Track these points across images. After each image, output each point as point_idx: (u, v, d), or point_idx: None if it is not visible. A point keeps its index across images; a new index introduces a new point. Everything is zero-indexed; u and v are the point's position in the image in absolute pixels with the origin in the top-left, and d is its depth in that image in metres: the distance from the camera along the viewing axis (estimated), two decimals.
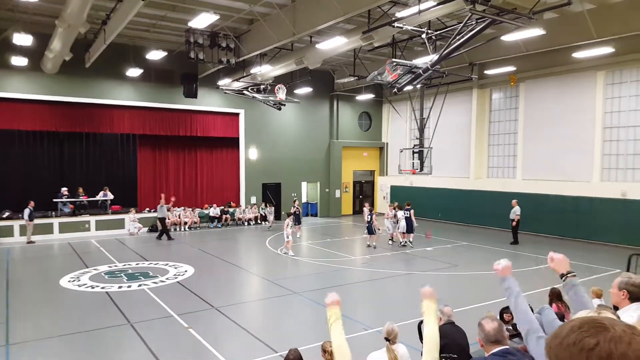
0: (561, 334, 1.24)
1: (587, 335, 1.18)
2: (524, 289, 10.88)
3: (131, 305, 10.04)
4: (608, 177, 17.99)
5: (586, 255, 15.24)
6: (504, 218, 20.44)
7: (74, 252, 16.24)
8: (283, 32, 15.03)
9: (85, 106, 19.74)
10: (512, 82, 20.81)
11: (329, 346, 5.03)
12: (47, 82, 18.75)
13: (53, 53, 15.83)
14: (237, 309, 10.02)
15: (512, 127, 21.48)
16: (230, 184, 23.98)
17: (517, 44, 16.42)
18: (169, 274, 12.86)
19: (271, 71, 18.73)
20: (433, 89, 19.25)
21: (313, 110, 25.69)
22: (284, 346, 6.80)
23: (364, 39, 13.82)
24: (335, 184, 26.74)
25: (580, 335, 1.19)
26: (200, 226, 21.93)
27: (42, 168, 20.91)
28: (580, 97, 18.48)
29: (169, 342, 8.08)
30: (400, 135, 27.14)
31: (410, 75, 12.75)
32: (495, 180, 22.03)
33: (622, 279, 3.63)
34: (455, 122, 23.00)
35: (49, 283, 12.06)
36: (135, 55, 19.32)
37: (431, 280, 12.45)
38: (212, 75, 20.94)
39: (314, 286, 11.76)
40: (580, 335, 1.19)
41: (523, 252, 16.00)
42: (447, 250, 16.73)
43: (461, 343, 5.27)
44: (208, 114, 22.61)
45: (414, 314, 8.62)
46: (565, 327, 1.26)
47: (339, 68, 24.41)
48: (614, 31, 14.29)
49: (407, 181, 25.46)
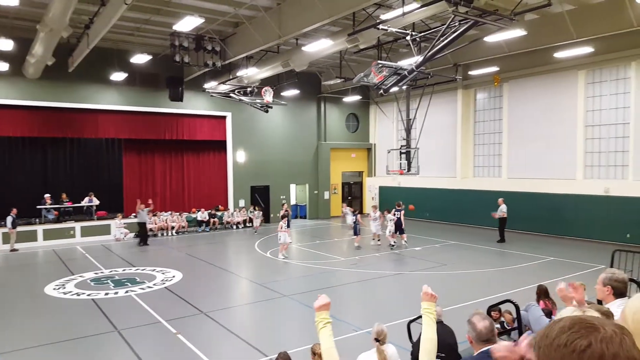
0: (551, 334, 1.23)
1: (578, 336, 1.17)
2: (511, 287, 11.04)
3: (118, 312, 9.92)
4: (591, 175, 18.28)
5: (571, 251, 15.50)
6: (491, 217, 20.69)
7: (59, 259, 15.99)
8: (269, 34, 15.02)
9: (68, 111, 19.46)
10: (495, 82, 21.07)
11: (318, 349, 5.04)
12: (29, 87, 18.46)
13: (35, 58, 15.60)
14: (226, 313, 9.97)
15: (496, 126, 21.73)
16: (218, 187, 23.85)
17: (500, 44, 16.65)
18: (157, 280, 12.74)
19: (257, 74, 18.70)
20: (419, 90, 19.40)
21: (300, 112, 25.70)
22: (274, 349, 6.79)
23: (349, 41, 13.87)
24: (323, 186, 26.77)
25: (572, 337, 1.18)
26: (188, 230, 21.76)
27: (25, 174, 20.66)
28: (562, 96, 18.79)
29: (158, 349, 8.01)
30: (387, 136, 27.28)
31: (395, 77, 12.86)
32: (481, 180, 22.27)
33: (606, 275, 3.67)
34: (441, 123, 23.19)
35: (33, 291, 11.85)
36: (120, 59, 19.12)
37: (419, 280, 12.54)
38: (198, 79, 20.83)
39: (303, 288, 11.75)
40: (571, 336, 1.18)
41: (509, 250, 16.19)
42: (436, 249, 16.85)
43: (450, 342, 5.32)
44: (194, 117, 22.46)
45: (403, 314, 8.68)
46: (554, 327, 1.25)
47: (326, 70, 24.47)
48: (593, 31, 14.60)
49: (395, 182, 25.59)
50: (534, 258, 14.64)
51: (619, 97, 17.38)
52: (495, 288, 10.97)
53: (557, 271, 12.55)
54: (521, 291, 10.17)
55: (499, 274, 12.93)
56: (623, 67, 17.15)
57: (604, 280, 3.65)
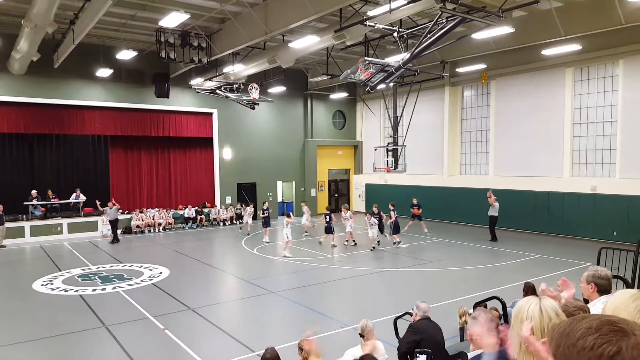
0: (574, 334, 1.15)
1: (606, 340, 1.09)
2: (498, 284, 11.18)
3: (106, 308, 9.88)
4: (578, 173, 18.48)
5: (558, 249, 15.68)
6: (477, 214, 20.89)
7: (46, 255, 15.85)
8: (255, 31, 14.97)
9: (54, 107, 19.28)
10: (483, 79, 21.24)
11: (305, 344, 5.09)
12: (14, 83, 18.24)
13: (20, 53, 15.40)
14: (213, 309, 9.98)
15: (483, 124, 21.92)
16: (204, 184, 23.76)
17: (488, 41, 16.77)
18: (144, 276, 12.69)
19: (244, 70, 18.64)
20: (406, 87, 19.47)
21: (287, 109, 25.67)
22: (261, 345, 6.81)
23: (336, 37, 13.89)
24: (310, 183, 26.79)
25: (599, 340, 1.10)
26: (175, 227, 21.66)
27: (11, 171, 20.38)
28: (550, 93, 18.95)
29: (145, 344, 8.01)
30: (374, 133, 27.36)
31: (382, 74, 12.91)
32: (468, 177, 22.46)
33: (590, 273, 3.71)
34: (428, 120, 23.32)
35: (21, 287, 11.77)
36: (105, 55, 18.92)
37: (406, 277, 12.67)
38: (184, 75, 20.70)
39: (290, 285, 11.79)
40: (599, 339, 1.10)
41: (496, 248, 16.37)
42: (422, 247, 16.99)
43: (437, 338, 5.37)
44: (181, 114, 22.33)
45: (390, 310, 8.77)
46: (577, 326, 1.17)
47: (313, 67, 24.45)
48: (581, 29, 14.71)
49: (382, 179, 25.71)
50: (521, 255, 14.82)
51: (606, 95, 17.53)
52: (481, 285, 11.11)
53: (544, 269, 12.74)
54: (508, 288, 10.31)
55: (485, 272, 13.09)
56: (611, 65, 17.32)
57: (587, 278, 3.69)
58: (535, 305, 2.04)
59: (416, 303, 5.53)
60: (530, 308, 2.04)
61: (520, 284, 8.11)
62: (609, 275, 3.74)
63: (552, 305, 2.08)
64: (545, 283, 3.89)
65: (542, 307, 2.01)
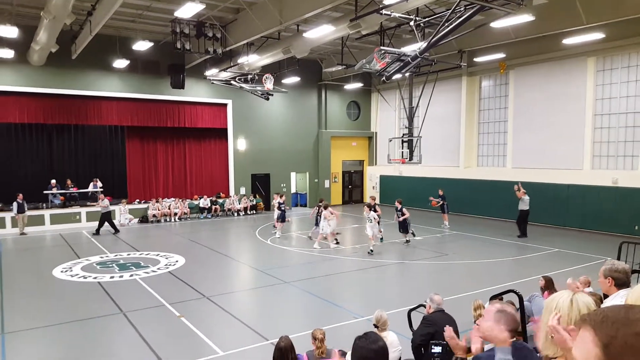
0: (635, 322, 1.12)
1: None
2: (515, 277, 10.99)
3: (123, 295, 10.04)
4: (599, 165, 18.07)
5: (577, 243, 15.40)
6: (494, 207, 20.67)
7: (65, 243, 16.17)
8: (270, 20, 14.90)
9: (72, 98, 19.53)
10: (501, 69, 20.85)
11: (319, 334, 5.10)
12: (34, 74, 18.52)
13: (39, 45, 15.60)
14: (228, 298, 10.06)
15: (502, 115, 21.57)
16: (219, 174, 23.91)
17: (507, 30, 16.43)
18: (160, 264, 12.86)
19: (258, 61, 18.60)
20: (422, 77, 19.23)
21: (301, 100, 25.60)
22: (275, 334, 6.85)
23: (351, 27, 13.74)
24: (324, 174, 26.75)
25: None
26: (190, 217, 21.89)
27: (31, 160, 20.89)
28: (571, 84, 18.50)
29: (162, 331, 8.12)
30: (389, 124, 27.13)
31: (398, 64, 12.74)
32: (485, 169, 22.16)
33: (606, 267, 3.68)
34: (445, 111, 23.03)
35: (42, 273, 12.05)
36: (122, 46, 19.06)
37: (421, 269, 12.60)
38: (199, 66, 20.75)
39: (304, 275, 11.83)
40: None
41: (513, 241, 16.16)
42: (437, 239, 16.87)
43: None
44: (196, 104, 22.45)
45: (403, 302, 8.73)
46: (634, 312, 1.15)
47: (327, 57, 24.29)
48: (605, 17, 14.25)
49: (396, 171, 25.54)
50: (539, 249, 14.61)
51: (630, 85, 17.03)
52: (498, 278, 10.98)
53: (562, 263, 12.53)
54: (525, 282, 10.18)
55: (502, 265, 12.93)
56: (635, 54, 16.80)
57: (604, 272, 3.66)
58: (567, 298, 2.07)
59: (430, 295, 5.49)
60: (561, 300, 2.07)
61: (537, 277, 8.01)
62: (627, 268, 3.69)
63: (585, 300, 2.08)
64: (571, 278, 3.84)
65: (574, 300, 2.05)
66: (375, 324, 5.42)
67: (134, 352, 7.27)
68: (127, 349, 7.47)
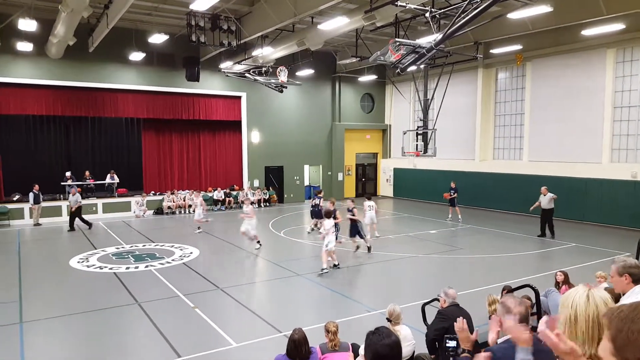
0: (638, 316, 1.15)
1: None
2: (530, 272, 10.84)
3: (138, 286, 10.19)
4: (618, 158, 17.74)
5: (594, 238, 15.17)
6: (510, 200, 20.44)
7: (82, 234, 16.43)
8: (284, 12, 14.84)
9: (89, 90, 19.78)
10: (518, 61, 20.52)
11: (332, 326, 5.11)
12: (51, 67, 18.77)
13: (57, 38, 15.78)
14: (241, 289, 10.14)
15: (518, 107, 21.26)
16: (233, 167, 24.04)
17: (524, 21, 16.15)
18: (175, 256, 13.01)
19: (272, 53, 18.58)
20: (437, 69, 19.00)
21: (315, 92, 25.53)
22: (288, 326, 6.89)
23: (366, 18, 13.62)
24: (337, 167, 26.71)
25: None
26: (204, 209, 22.00)
27: (49, 152, 21.26)
28: (589, 76, 18.14)
29: (176, 321, 8.22)
30: (403, 116, 26.91)
31: (413, 55, 12.60)
32: (501, 162, 21.90)
33: (619, 265, 3.59)
34: (460, 103, 22.78)
35: (59, 263, 12.27)
36: (138, 39, 19.20)
37: (435, 263, 12.54)
38: (214, 58, 20.81)
39: (316, 268, 11.83)
40: None
41: (529, 235, 15.96)
42: (451, 232, 16.77)
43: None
44: (210, 97, 22.55)
45: (417, 296, 8.71)
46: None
47: (341, 49, 24.15)
48: (624, 7, 13.93)
49: (410, 164, 25.38)
50: (555, 244, 14.43)
51: None
52: (513, 273, 10.87)
53: (579, 257, 12.37)
54: (541, 277, 10.07)
55: (517, 259, 12.79)
56: None
57: (619, 270, 3.57)
58: (583, 294, 2.05)
59: (444, 289, 5.45)
60: (577, 296, 2.05)
61: (553, 272, 7.92)
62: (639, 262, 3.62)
63: (601, 295, 2.05)
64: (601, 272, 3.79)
65: (590, 296, 2.03)
66: (388, 317, 5.41)
67: (149, 342, 7.38)
68: (142, 339, 7.59)
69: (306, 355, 4.68)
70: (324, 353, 4.97)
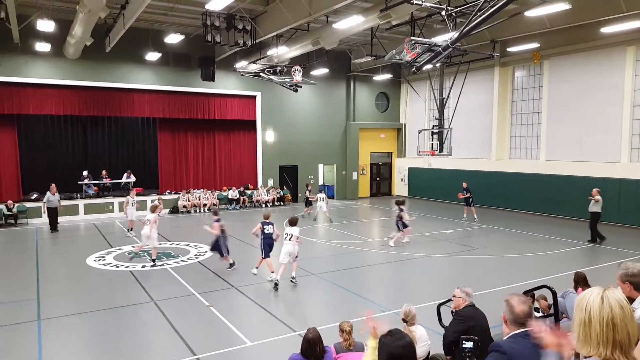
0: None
1: None
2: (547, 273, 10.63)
3: (154, 284, 10.29)
4: (637, 158, 17.39)
5: (613, 238, 14.87)
6: (526, 200, 20.19)
7: (98, 232, 16.67)
8: (299, 12, 14.84)
9: (106, 90, 20.04)
10: (535, 59, 20.23)
11: (346, 326, 5.09)
12: (69, 67, 19.06)
13: (75, 38, 16.02)
14: (256, 288, 10.17)
15: (535, 106, 20.96)
16: (247, 166, 24.15)
17: (542, 19, 15.91)
18: (190, 254, 13.11)
19: (287, 52, 18.60)
20: (453, 68, 18.83)
21: (329, 91, 25.50)
22: (303, 325, 6.89)
23: (381, 17, 13.55)
24: (352, 166, 26.64)
25: None
26: (219, 208, 22.16)
27: (66, 151, 21.62)
28: (609, 74, 17.82)
29: (191, 320, 8.27)
30: (418, 115, 26.77)
31: (429, 54, 12.49)
32: (517, 162, 21.62)
33: (622, 271, 3.59)
34: (476, 102, 22.55)
35: (76, 262, 12.43)
36: (154, 39, 19.40)
37: (451, 263, 12.42)
38: (229, 58, 20.92)
39: (332, 267, 11.84)
40: None
41: (545, 235, 15.73)
42: (467, 232, 16.60)
43: (484, 327, 5.21)
44: (225, 97, 22.68)
45: (432, 296, 8.63)
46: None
47: (356, 48, 24.07)
48: None
49: (425, 163, 25.20)
50: (573, 244, 14.20)
51: None
52: (529, 273, 10.74)
53: (597, 258, 12.16)
54: (558, 278, 9.92)
55: (534, 259, 12.61)
56: None
57: (621, 277, 3.58)
58: (597, 295, 2.02)
59: (463, 288, 5.35)
60: (591, 298, 2.02)
61: (571, 273, 7.77)
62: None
63: (616, 297, 2.02)
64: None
65: (604, 297, 2.00)
66: (404, 318, 5.37)
67: (165, 340, 7.44)
68: (158, 337, 7.66)
69: (321, 354, 4.66)
70: (338, 353, 4.96)
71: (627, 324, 1.95)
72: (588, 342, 1.96)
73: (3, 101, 18.21)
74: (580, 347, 2.02)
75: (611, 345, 1.92)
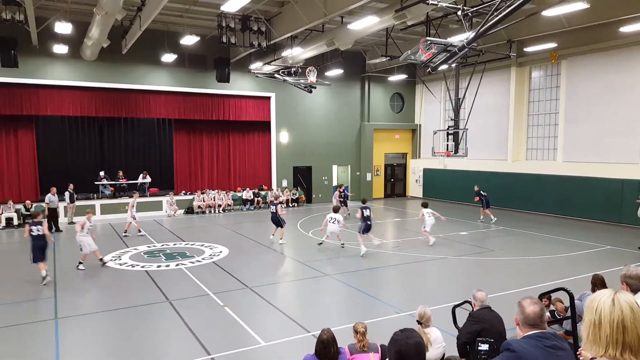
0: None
1: None
2: (564, 275, 10.49)
3: (169, 284, 10.37)
4: None
5: (631, 241, 14.63)
6: (543, 202, 19.90)
7: (114, 232, 16.86)
8: (314, 13, 14.86)
9: (123, 92, 20.30)
10: (553, 59, 19.94)
11: (360, 327, 5.06)
12: (86, 68, 19.35)
13: (92, 40, 16.26)
14: (270, 289, 10.19)
15: (552, 106, 20.66)
16: (262, 167, 24.24)
17: (559, 19, 15.69)
18: (205, 254, 13.19)
19: (302, 53, 18.64)
20: (469, 68, 18.66)
21: (344, 92, 25.47)
22: (317, 326, 6.88)
23: (396, 17, 13.49)
24: (366, 167, 26.57)
25: None
26: (233, 208, 22.33)
27: (83, 152, 21.94)
28: (627, 74, 17.49)
29: (206, 320, 8.31)
30: (434, 116, 26.58)
31: (445, 54, 12.39)
32: (534, 163, 21.33)
33: (622, 272, 3.75)
34: (493, 102, 22.31)
35: (92, 261, 12.57)
36: (170, 40, 19.60)
37: (465, 265, 12.29)
38: (244, 59, 21.04)
39: (345, 269, 11.80)
40: None
41: (562, 237, 15.48)
42: (482, 234, 16.42)
43: (499, 329, 5.15)
44: (240, 98, 22.81)
45: (447, 298, 8.55)
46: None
47: (371, 48, 24.02)
48: None
49: (441, 164, 24.98)
50: (590, 246, 13.95)
51: None
52: (546, 276, 10.59)
53: (614, 261, 11.92)
54: (575, 280, 9.76)
55: (550, 262, 12.42)
56: None
57: (621, 278, 3.72)
58: (608, 297, 2.03)
59: (472, 292, 5.32)
60: (601, 301, 2.04)
61: (588, 275, 7.62)
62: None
63: (627, 299, 2.03)
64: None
65: (615, 299, 2.01)
66: (418, 320, 5.33)
67: (179, 340, 7.49)
68: (173, 337, 7.71)
69: (335, 355, 4.65)
70: (352, 354, 4.93)
71: (638, 326, 1.97)
72: (597, 343, 1.97)
73: (22, 103, 18.55)
74: (589, 348, 2.03)
75: (621, 346, 1.94)
